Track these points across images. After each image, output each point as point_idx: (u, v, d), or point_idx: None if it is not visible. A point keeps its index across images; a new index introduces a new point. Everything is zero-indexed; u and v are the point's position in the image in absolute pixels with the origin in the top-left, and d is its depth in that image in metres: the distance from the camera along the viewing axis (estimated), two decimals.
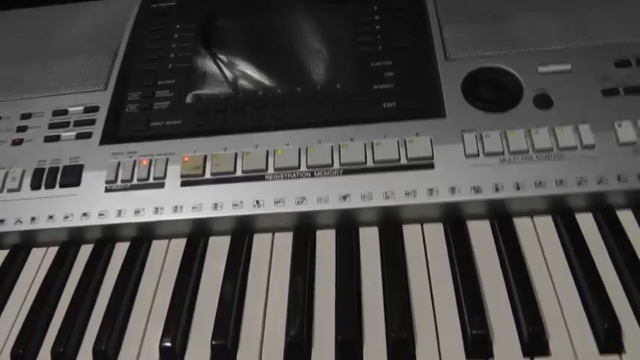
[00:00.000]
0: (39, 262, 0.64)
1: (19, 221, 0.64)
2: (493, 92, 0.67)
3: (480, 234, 0.60)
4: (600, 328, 0.50)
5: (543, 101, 0.66)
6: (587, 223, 0.60)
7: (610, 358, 0.49)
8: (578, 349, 0.50)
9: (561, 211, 0.60)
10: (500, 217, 0.61)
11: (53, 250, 0.65)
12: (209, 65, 0.74)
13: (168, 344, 0.54)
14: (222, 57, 0.75)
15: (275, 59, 0.74)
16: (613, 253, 0.57)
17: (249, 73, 0.73)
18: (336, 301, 0.56)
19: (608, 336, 0.50)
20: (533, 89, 0.66)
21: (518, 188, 0.60)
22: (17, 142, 0.70)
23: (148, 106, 0.71)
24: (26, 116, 0.72)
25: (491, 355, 0.51)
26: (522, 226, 0.60)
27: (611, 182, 0.60)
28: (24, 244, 0.66)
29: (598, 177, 0.60)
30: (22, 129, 0.71)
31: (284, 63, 0.74)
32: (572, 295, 0.54)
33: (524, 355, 0.50)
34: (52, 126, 0.70)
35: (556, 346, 0.50)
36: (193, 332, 0.56)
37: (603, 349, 0.50)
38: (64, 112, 0.71)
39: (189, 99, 0.71)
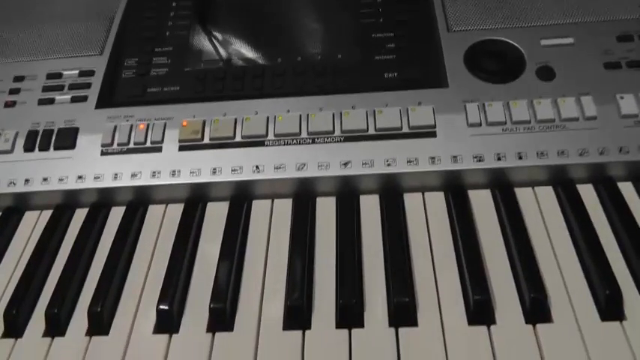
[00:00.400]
0: (32, 225, 0.63)
1: (12, 183, 0.63)
2: (496, 64, 0.67)
3: (482, 203, 0.60)
4: (601, 295, 0.50)
5: (546, 73, 0.65)
6: (588, 194, 0.60)
7: (611, 324, 0.49)
8: (580, 316, 0.50)
9: (562, 182, 0.60)
10: (502, 186, 0.60)
11: (47, 214, 0.64)
12: (208, 33, 0.73)
13: (165, 307, 0.53)
14: (221, 25, 0.74)
15: (275, 29, 0.73)
16: (614, 224, 0.57)
17: (249, 41, 0.72)
18: (336, 266, 0.55)
19: (610, 303, 0.50)
20: (536, 62, 0.66)
21: (520, 158, 0.60)
22: (10, 104, 0.68)
23: (145, 72, 0.70)
24: (19, 79, 0.70)
25: (494, 322, 0.50)
26: (524, 196, 0.60)
27: (612, 154, 0.59)
28: (17, 206, 0.64)
29: (599, 148, 0.60)
30: (14, 91, 0.69)
31: (284, 32, 0.73)
32: (573, 264, 0.54)
33: (527, 321, 0.50)
34: (46, 89, 0.69)
35: (558, 313, 0.50)
36: (191, 296, 0.55)
37: (604, 316, 0.50)
38: (59, 75, 0.70)
39: (187, 66, 0.70)
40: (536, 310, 0.50)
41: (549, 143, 0.60)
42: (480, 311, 0.50)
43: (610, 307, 0.50)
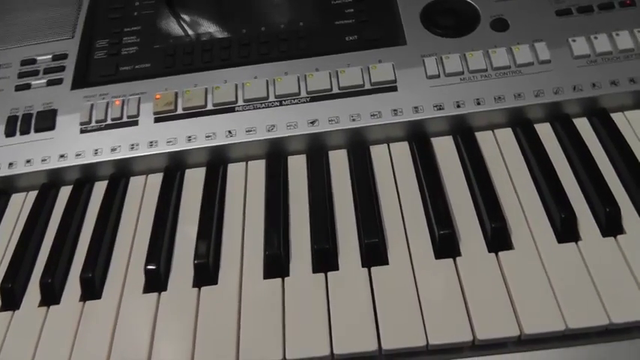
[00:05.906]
0: (20, 206, 0.66)
1: None
2: (451, 20, 0.70)
3: (444, 148, 0.63)
4: (557, 219, 0.54)
5: (500, 25, 0.68)
6: (545, 131, 0.63)
7: (567, 246, 0.53)
8: (538, 241, 0.53)
9: (520, 123, 0.63)
10: (463, 131, 0.63)
11: (33, 195, 0.66)
12: (174, 10, 0.76)
13: (153, 267, 0.56)
14: (187, 2, 0.76)
15: (239, 1, 0.76)
16: (570, 156, 0.60)
17: (214, 15, 0.75)
18: (310, 216, 0.58)
19: (565, 225, 0.53)
20: (490, 15, 0.69)
21: (478, 104, 0.63)
22: None
23: (116, 52, 0.73)
24: None
25: (459, 254, 0.54)
26: (484, 138, 0.63)
27: (567, 92, 0.63)
28: (3, 190, 0.67)
29: (554, 88, 0.63)
30: None
31: (248, 5, 0.75)
32: (531, 195, 0.57)
33: (489, 250, 0.53)
34: (21, 75, 0.71)
35: (518, 240, 0.54)
36: (176, 256, 0.58)
37: (561, 239, 0.53)
38: (33, 61, 0.72)
39: (156, 43, 0.73)
40: (498, 238, 0.54)
41: (506, 88, 0.63)
42: (446, 245, 0.54)
43: (565, 230, 0.53)
